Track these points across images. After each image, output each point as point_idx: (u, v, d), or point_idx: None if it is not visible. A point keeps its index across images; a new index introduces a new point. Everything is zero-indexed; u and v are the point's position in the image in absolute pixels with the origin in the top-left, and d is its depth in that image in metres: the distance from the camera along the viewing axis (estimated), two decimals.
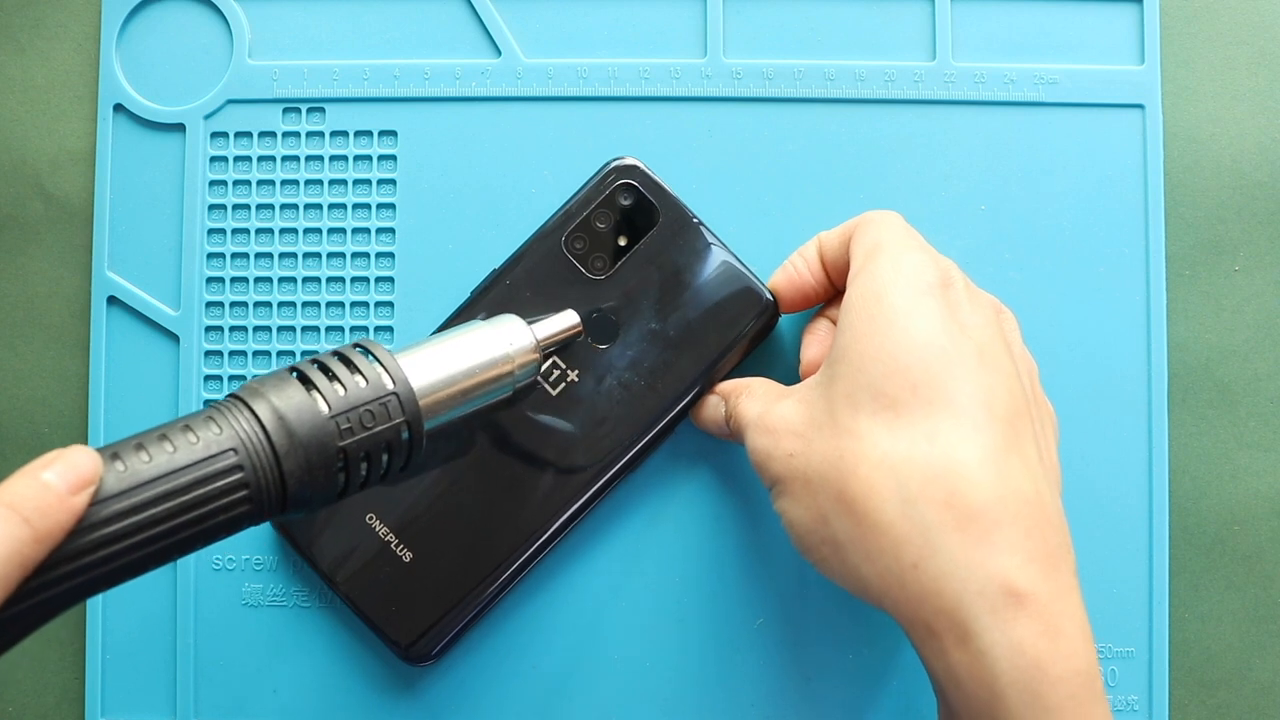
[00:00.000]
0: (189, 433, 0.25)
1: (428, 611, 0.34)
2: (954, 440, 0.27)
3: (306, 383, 0.26)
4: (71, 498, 0.22)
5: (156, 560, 0.24)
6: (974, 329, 0.29)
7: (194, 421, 0.25)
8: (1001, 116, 0.37)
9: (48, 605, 0.23)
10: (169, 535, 0.24)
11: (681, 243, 0.35)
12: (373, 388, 0.27)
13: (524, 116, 0.37)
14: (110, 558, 0.23)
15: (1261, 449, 0.37)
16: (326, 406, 0.26)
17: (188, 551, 0.25)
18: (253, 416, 0.25)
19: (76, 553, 0.23)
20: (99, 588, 0.23)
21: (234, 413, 0.25)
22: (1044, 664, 0.25)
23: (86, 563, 0.23)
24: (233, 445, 0.25)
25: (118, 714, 0.37)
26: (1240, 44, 0.38)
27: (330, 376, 0.27)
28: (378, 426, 0.27)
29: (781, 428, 0.30)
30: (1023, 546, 0.26)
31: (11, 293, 0.38)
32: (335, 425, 0.26)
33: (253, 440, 0.25)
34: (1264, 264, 0.37)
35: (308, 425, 0.26)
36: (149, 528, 0.23)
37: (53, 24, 0.39)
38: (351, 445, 0.26)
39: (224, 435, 0.25)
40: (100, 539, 0.23)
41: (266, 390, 0.26)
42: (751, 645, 0.36)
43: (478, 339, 0.30)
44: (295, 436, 0.25)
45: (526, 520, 0.34)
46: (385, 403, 0.27)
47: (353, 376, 0.27)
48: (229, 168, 0.38)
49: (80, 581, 0.23)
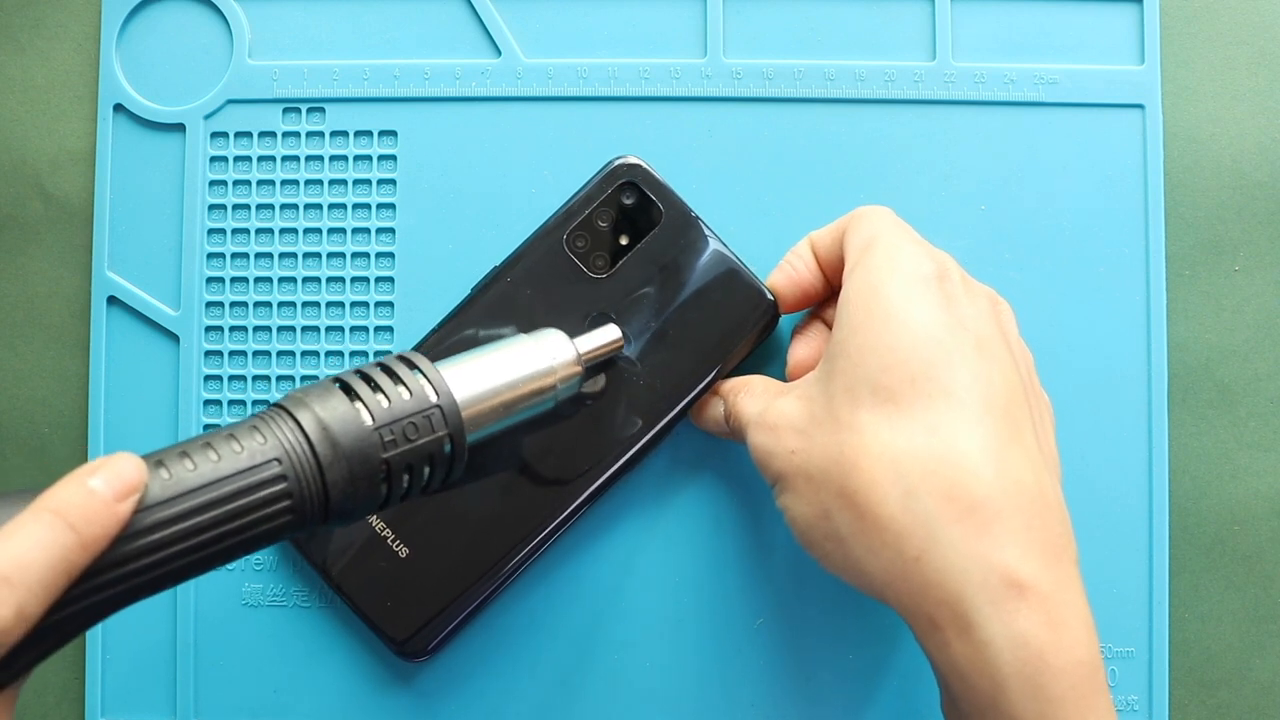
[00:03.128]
0: (233, 441, 0.25)
1: (423, 607, 0.34)
2: (954, 432, 0.27)
3: (350, 393, 0.27)
4: (117, 505, 0.23)
5: (199, 568, 0.24)
6: (971, 320, 0.29)
7: (238, 430, 0.25)
8: (1001, 116, 0.37)
9: (91, 611, 0.23)
10: (212, 544, 0.24)
11: (683, 242, 0.35)
12: (416, 400, 0.27)
13: (524, 116, 0.37)
14: (154, 565, 0.23)
15: (1261, 449, 0.37)
16: (370, 418, 0.26)
17: (230, 560, 0.25)
18: (297, 426, 0.25)
19: (121, 559, 0.23)
20: (143, 594, 0.24)
21: (278, 422, 0.25)
22: (1046, 655, 0.25)
23: (131, 569, 0.23)
24: (277, 455, 0.25)
25: (118, 714, 0.37)
26: (1240, 44, 0.38)
27: (374, 388, 0.27)
28: (421, 439, 0.27)
29: (782, 424, 0.30)
30: (1024, 538, 0.26)
31: (11, 293, 0.38)
32: (379, 437, 0.26)
33: (297, 450, 0.25)
34: (1264, 264, 0.37)
35: (351, 436, 0.26)
36: (192, 536, 0.24)
37: (53, 24, 0.39)
38: (395, 457, 0.26)
39: (268, 445, 0.25)
40: (145, 546, 0.23)
41: (311, 400, 0.26)
42: (751, 645, 0.36)
43: (520, 352, 0.31)
44: (339, 447, 0.25)
45: (524, 518, 0.34)
46: (429, 415, 0.27)
47: (396, 388, 0.27)
48: (229, 168, 0.38)
49: (124, 588, 0.23)
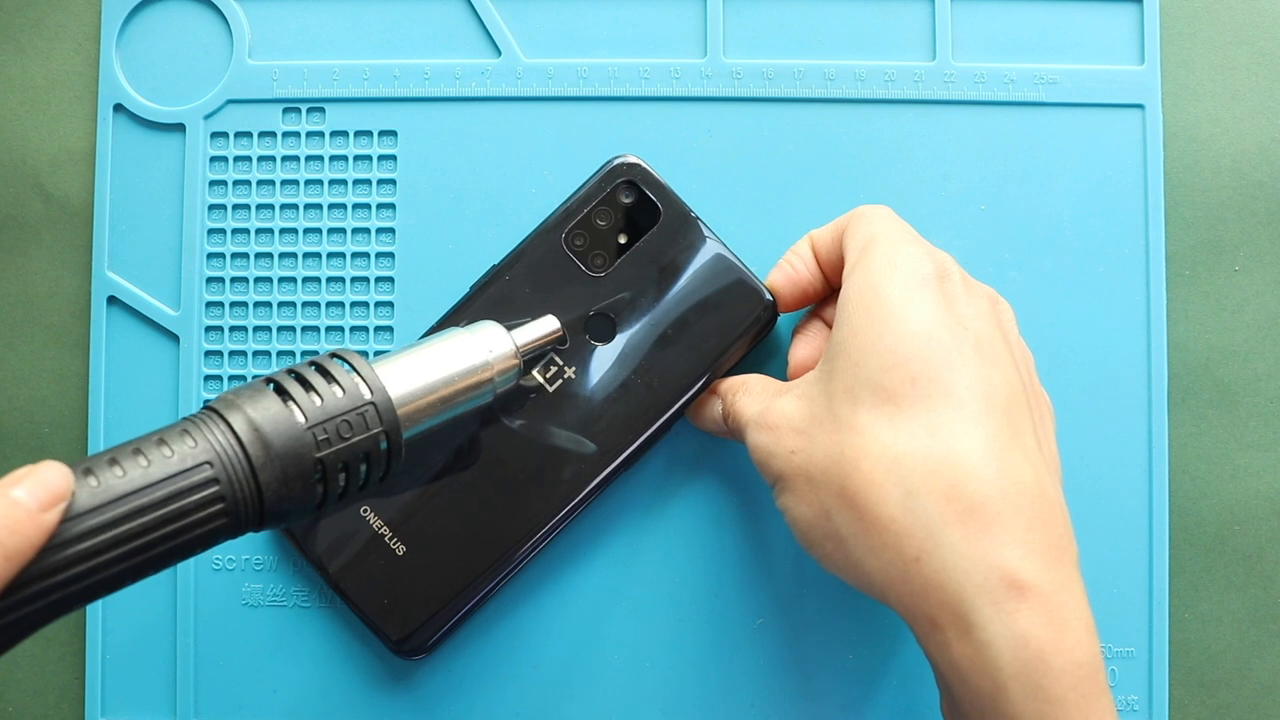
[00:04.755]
0: (163, 446, 0.24)
1: (420, 605, 0.34)
2: (954, 433, 0.27)
3: (283, 394, 0.26)
4: (42, 514, 0.22)
5: (133, 575, 0.24)
6: (971, 320, 0.29)
7: (168, 435, 0.25)
8: (1001, 116, 0.37)
9: (22, 623, 0.23)
10: (145, 550, 0.24)
11: (682, 241, 0.35)
12: (350, 398, 0.27)
13: (524, 116, 0.37)
14: (85, 574, 0.23)
15: (1261, 449, 0.37)
16: (303, 417, 0.26)
17: (165, 566, 0.24)
18: (228, 428, 0.25)
19: (50, 570, 0.22)
20: (75, 604, 0.23)
21: (209, 425, 0.25)
22: (1047, 655, 0.25)
23: (60, 580, 0.23)
24: (208, 458, 0.24)
25: (118, 714, 0.37)
26: (1240, 44, 0.38)
27: (307, 387, 0.27)
28: (355, 437, 0.27)
29: (782, 425, 0.30)
30: (1024, 538, 0.26)
31: (11, 293, 0.38)
32: (312, 436, 0.26)
33: (228, 453, 0.25)
34: (1264, 264, 0.37)
35: (284, 436, 0.25)
36: (124, 543, 0.23)
37: (53, 24, 0.39)
38: (329, 456, 0.26)
39: (199, 448, 0.24)
40: (74, 555, 0.23)
41: (241, 402, 0.26)
42: (751, 645, 0.36)
43: (456, 346, 0.30)
44: (271, 448, 0.25)
45: (521, 517, 0.34)
46: (363, 413, 0.27)
47: (329, 387, 0.27)
48: (229, 168, 0.38)
49: (55, 598, 0.23)
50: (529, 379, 0.34)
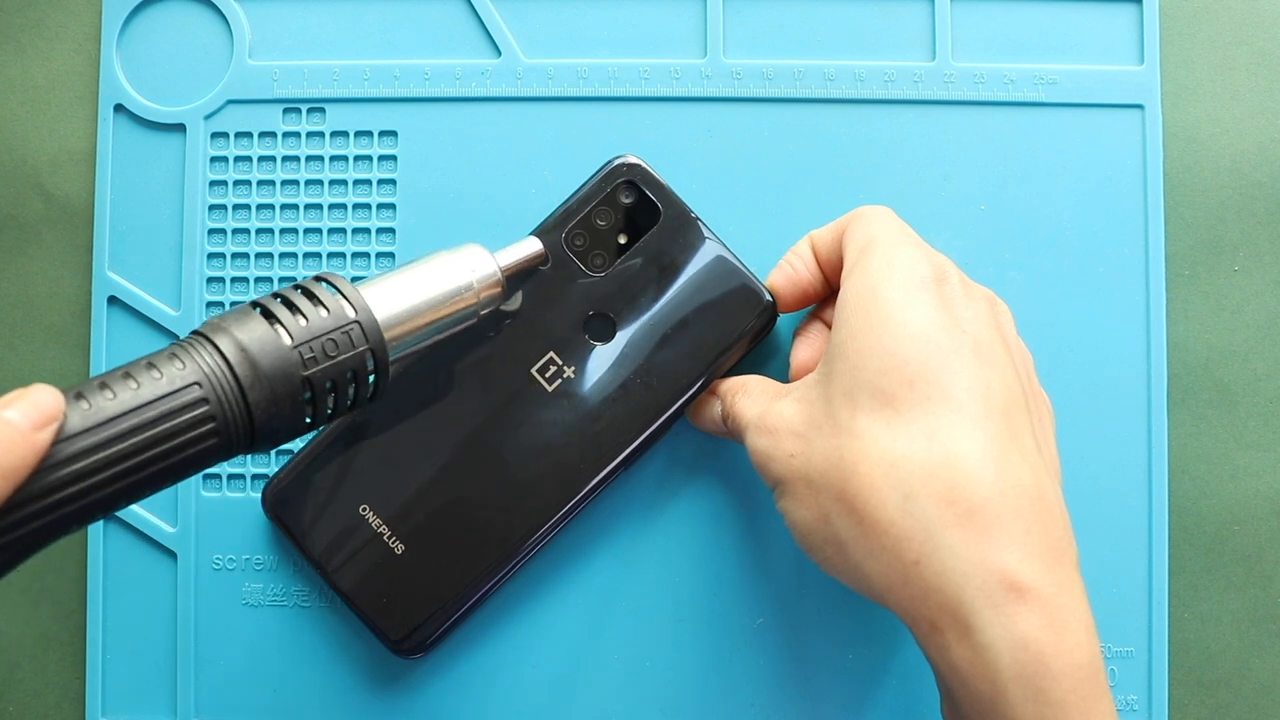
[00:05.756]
0: (153, 370, 0.25)
1: (418, 604, 0.34)
2: (953, 436, 0.27)
3: (269, 317, 0.27)
4: (34, 434, 0.23)
5: (126, 497, 0.24)
6: (969, 323, 0.29)
7: (157, 358, 0.25)
8: (1001, 116, 0.37)
9: (18, 545, 0.23)
10: (136, 470, 0.24)
11: (682, 241, 0.35)
12: (334, 317, 0.27)
13: (524, 116, 0.37)
14: (78, 495, 0.23)
15: (1261, 449, 0.37)
16: (289, 338, 0.27)
17: (159, 487, 0.25)
18: (215, 350, 0.26)
19: (44, 491, 0.23)
20: (70, 526, 0.24)
21: (197, 348, 0.26)
22: (1046, 658, 0.25)
23: (54, 500, 0.23)
24: (197, 379, 0.25)
25: (118, 714, 0.37)
26: (1240, 44, 0.38)
27: (293, 310, 0.27)
28: (341, 355, 0.27)
29: (782, 428, 0.30)
30: (1024, 540, 0.26)
31: (11, 293, 0.38)
32: (299, 355, 0.26)
33: (217, 373, 0.25)
34: (1264, 264, 0.37)
35: (271, 356, 0.26)
36: (116, 463, 0.24)
37: (53, 24, 0.39)
38: (316, 374, 0.27)
39: (188, 370, 0.25)
40: (67, 476, 0.23)
41: (228, 325, 0.26)
42: (751, 645, 0.36)
43: (440, 267, 0.31)
44: (259, 368, 0.26)
45: (519, 517, 0.34)
46: (348, 331, 0.27)
47: (315, 308, 0.27)
48: (229, 168, 0.38)
49: (50, 520, 0.23)
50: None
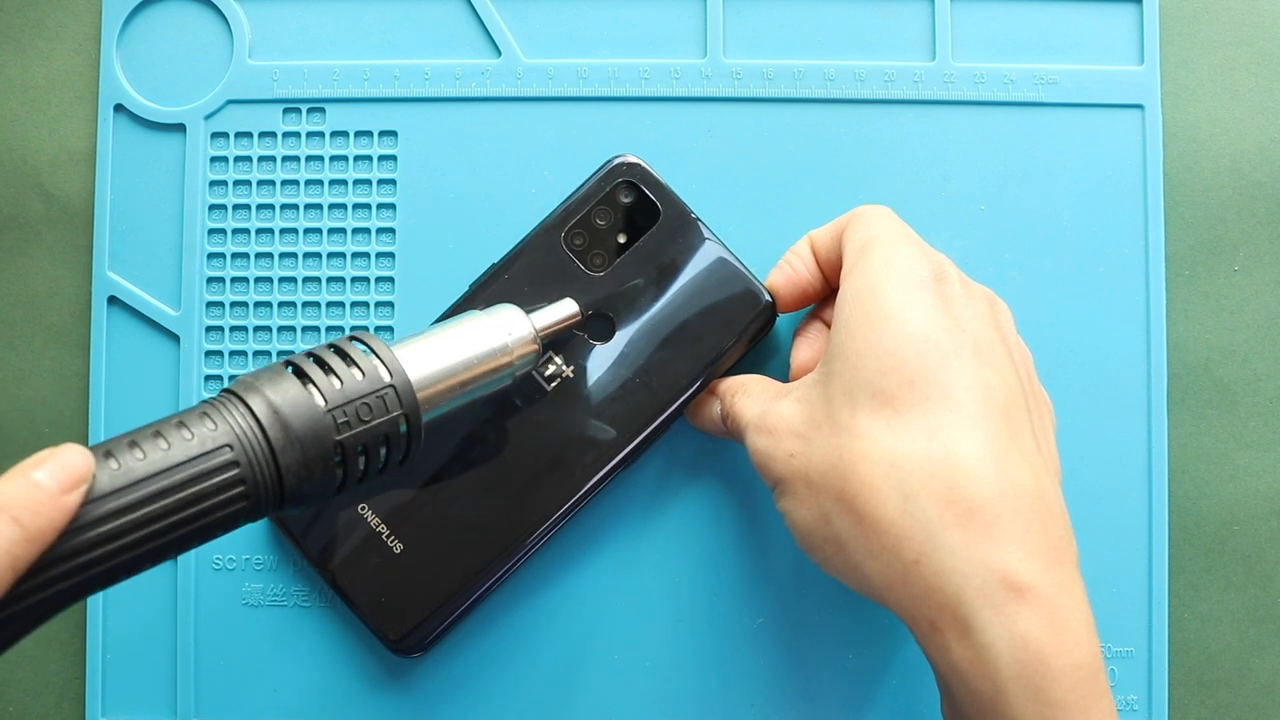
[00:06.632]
0: (183, 429, 0.24)
1: (417, 603, 0.34)
2: (953, 435, 0.27)
3: (302, 376, 0.26)
4: (63, 497, 0.22)
5: (153, 559, 0.24)
6: (969, 322, 0.29)
7: (188, 417, 0.25)
8: (1001, 116, 0.37)
9: (43, 606, 0.23)
10: (165, 533, 0.24)
11: (681, 241, 0.35)
12: (369, 380, 0.27)
13: (524, 116, 0.37)
14: (105, 557, 0.23)
15: (1261, 449, 0.37)
16: (323, 400, 0.26)
17: (184, 550, 0.24)
18: (248, 411, 0.25)
19: (71, 552, 0.22)
20: (95, 587, 0.23)
21: (229, 408, 0.25)
22: (1046, 657, 0.25)
23: (81, 562, 0.23)
24: (228, 441, 0.24)
25: (118, 714, 0.37)
26: (1240, 44, 0.38)
27: (326, 370, 0.27)
28: (375, 420, 0.27)
29: (781, 428, 0.30)
30: (1024, 540, 0.26)
31: (11, 293, 0.38)
32: (332, 419, 0.26)
33: (248, 435, 0.25)
34: (1264, 264, 0.37)
35: (304, 419, 0.25)
36: (144, 526, 0.23)
37: (53, 24, 0.39)
38: (349, 439, 0.26)
39: (219, 431, 0.24)
40: (95, 538, 0.23)
41: (262, 385, 0.26)
42: (751, 645, 0.36)
43: (476, 329, 0.30)
44: (291, 431, 0.25)
45: (518, 517, 0.34)
46: (382, 395, 0.27)
47: (349, 369, 0.27)
48: (229, 168, 0.38)
49: (76, 581, 0.23)
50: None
